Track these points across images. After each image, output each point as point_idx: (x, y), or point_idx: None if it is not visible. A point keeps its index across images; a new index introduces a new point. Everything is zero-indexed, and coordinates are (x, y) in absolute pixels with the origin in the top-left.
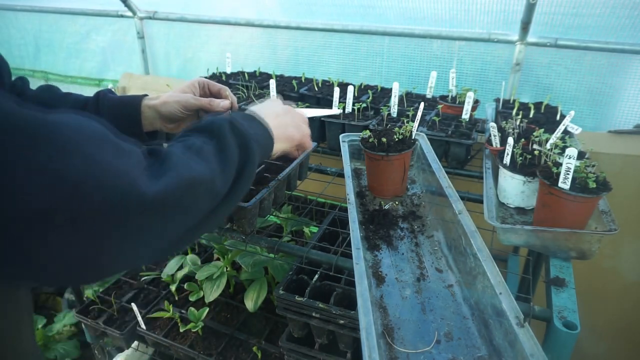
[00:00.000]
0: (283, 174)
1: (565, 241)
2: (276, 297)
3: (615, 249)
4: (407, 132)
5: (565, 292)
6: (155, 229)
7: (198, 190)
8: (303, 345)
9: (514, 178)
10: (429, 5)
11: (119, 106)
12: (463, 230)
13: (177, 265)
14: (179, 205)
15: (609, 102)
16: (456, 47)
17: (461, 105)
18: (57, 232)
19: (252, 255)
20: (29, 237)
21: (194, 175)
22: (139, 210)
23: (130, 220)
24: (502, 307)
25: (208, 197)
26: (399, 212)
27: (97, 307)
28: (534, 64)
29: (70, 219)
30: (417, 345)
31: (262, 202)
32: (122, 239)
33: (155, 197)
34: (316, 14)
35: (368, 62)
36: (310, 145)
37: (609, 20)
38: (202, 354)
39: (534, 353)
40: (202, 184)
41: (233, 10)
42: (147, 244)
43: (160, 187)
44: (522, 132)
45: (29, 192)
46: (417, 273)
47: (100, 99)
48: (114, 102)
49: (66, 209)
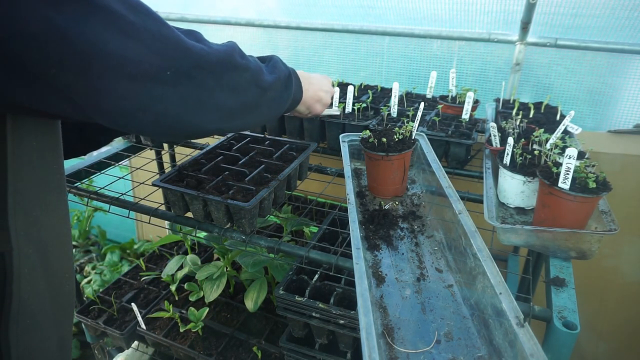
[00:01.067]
0: (283, 173)
1: (565, 241)
2: (276, 297)
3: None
4: (407, 132)
5: (565, 292)
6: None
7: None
8: (303, 345)
9: (514, 178)
10: (429, 6)
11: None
12: (463, 230)
13: (177, 265)
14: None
15: (609, 102)
16: (456, 47)
17: (461, 105)
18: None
19: (252, 255)
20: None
21: (271, 79)
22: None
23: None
24: (502, 307)
25: (267, 93)
26: (399, 212)
27: (97, 307)
28: (534, 64)
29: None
30: (417, 345)
31: (262, 202)
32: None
33: (269, 81)
34: (316, 14)
35: (368, 62)
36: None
37: (609, 21)
38: (202, 354)
39: (534, 353)
40: (273, 85)
41: (233, 10)
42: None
43: (273, 78)
44: (522, 132)
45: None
46: (417, 273)
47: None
48: None
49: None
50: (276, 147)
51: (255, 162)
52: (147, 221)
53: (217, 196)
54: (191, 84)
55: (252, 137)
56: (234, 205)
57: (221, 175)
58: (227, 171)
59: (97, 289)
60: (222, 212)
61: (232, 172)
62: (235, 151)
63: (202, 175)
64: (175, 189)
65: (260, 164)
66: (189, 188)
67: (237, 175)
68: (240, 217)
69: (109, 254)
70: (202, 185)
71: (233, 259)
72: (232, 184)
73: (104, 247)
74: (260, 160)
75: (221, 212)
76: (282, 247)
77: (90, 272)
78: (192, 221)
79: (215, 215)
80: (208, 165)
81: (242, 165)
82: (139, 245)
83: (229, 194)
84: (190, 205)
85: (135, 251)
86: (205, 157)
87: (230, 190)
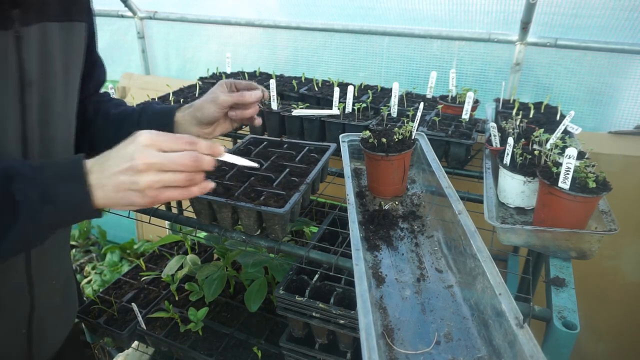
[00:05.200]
0: (310, 177)
1: (565, 241)
2: (276, 297)
3: (615, 249)
4: (407, 132)
5: (565, 292)
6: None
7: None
8: (303, 345)
9: (514, 178)
10: (429, 6)
11: (155, 117)
12: (463, 230)
13: (177, 265)
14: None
15: (609, 103)
16: (456, 47)
17: (461, 105)
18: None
19: (252, 255)
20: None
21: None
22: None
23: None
24: (501, 308)
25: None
26: (399, 212)
27: (98, 307)
28: (534, 64)
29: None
30: (417, 346)
31: (293, 206)
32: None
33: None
34: (316, 14)
35: (368, 62)
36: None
37: (609, 21)
38: (202, 354)
39: (534, 354)
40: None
41: (233, 10)
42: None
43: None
44: (522, 132)
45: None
46: (417, 273)
47: (144, 110)
48: (153, 112)
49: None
50: (296, 150)
51: (278, 166)
52: (147, 221)
53: (248, 203)
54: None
55: (269, 141)
56: (268, 212)
57: (247, 181)
58: (253, 177)
59: (97, 289)
60: (252, 219)
61: (258, 178)
62: (255, 156)
63: (227, 182)
64: (202, 197)
65: (284, 167)
66: (216, 195)
67: (263, 180)
68: (274, 223)
69: (109, 254)
70: (231, 192)
71: (233, 258)
72: (261, 190)
73: (104, 247)
74: (284, 164)
75: (252, 219)
76: (282, 247)
77: (90, 272)
78: (192, 221)
79: (245, 222)
80: (231, 171)
81: (267, 169)
82: (139, 245)
83: (260, 200)
84: (217, 213)
85: (135, 251)
86: (225, 163)
87: (261, 196)
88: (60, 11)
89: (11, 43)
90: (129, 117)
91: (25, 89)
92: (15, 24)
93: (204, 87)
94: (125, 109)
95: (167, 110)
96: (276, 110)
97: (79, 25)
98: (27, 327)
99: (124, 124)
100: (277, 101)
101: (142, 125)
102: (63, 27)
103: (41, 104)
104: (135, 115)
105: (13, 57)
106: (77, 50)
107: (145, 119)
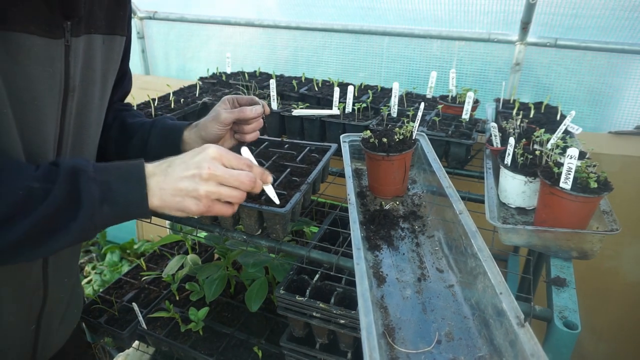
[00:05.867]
0: (311, 176)
1: (566, 241)
2: (277, 297)
3: (616, 249)
4: (407, 132)
5: (565, 292)
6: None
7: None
8: (304, 345)
9: (515, 178)
10: (429, 6)
11: (164, 132)
12: (464, 230)
13: (177, 265)
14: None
15: (610, 103)
16: (456, 48)
17: (461, 105)
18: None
19: (253, 255)
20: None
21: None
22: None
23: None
24: (502, 307)
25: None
26: (400, 212)
27: (98, 306)
28: (534, 64)
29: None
30: (418, 345)
31: (294, 206)
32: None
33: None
34: (316, 14)
35: (368, 62)
36: (225, 212)
37: (609, 21)
38: (203, 354)
39: (535, 353)
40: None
41: (233, 10)
42: None
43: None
44: (523, 132)
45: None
46: (418, 273)
47: (155, 124)
48: (162, 127)
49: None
50: (296, 150)
51: (279, 166)
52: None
53: (249, 202)
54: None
55: (270, 141)
56: (269, 211)
57: None
58: None
59: (98, 289)
60: (253, 219)
61: None
62: (257, 156)
63: None
64: None
65: (285, 167)
66: None
67: None
68: (275, 223)
69: (109, 254)
70: None
71: (234, 258)
72: (262, 190)
73: (104, 247)
74: (285, 164)
75: (253, 219)
76: (282, 246)
77: (91, 272)
78: (193, 221)
79: (246, 222)
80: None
81: (268, 170)
82: (139, 245)
83: (261, 200)
84: None
85: (135, 251)
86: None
87: (262, 196)
88: (106, 25)
89: (61, 51)
90: (141, 128)
91: (67, 95)
92: (66, 34)
93: (204, 87)
94: (140, 120)
95: (176, 127)
96: (276, 110)
97: (120, 38)
98: (36, 322)
99: (136, 134)
100: (277, 101)
101: (152, 138)
102: (106, 39)
103: (79, 110)
104: (147, 127)
105: (61, 64)
106: (114, 61)
107: (155, 132)
